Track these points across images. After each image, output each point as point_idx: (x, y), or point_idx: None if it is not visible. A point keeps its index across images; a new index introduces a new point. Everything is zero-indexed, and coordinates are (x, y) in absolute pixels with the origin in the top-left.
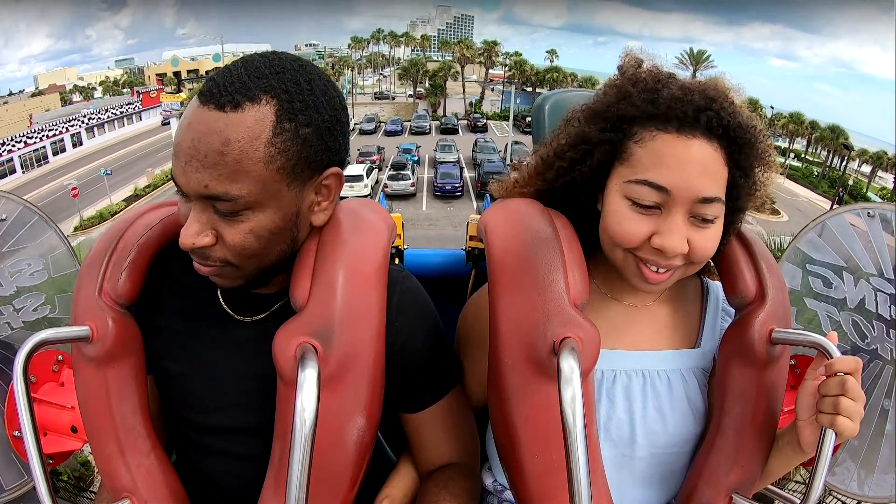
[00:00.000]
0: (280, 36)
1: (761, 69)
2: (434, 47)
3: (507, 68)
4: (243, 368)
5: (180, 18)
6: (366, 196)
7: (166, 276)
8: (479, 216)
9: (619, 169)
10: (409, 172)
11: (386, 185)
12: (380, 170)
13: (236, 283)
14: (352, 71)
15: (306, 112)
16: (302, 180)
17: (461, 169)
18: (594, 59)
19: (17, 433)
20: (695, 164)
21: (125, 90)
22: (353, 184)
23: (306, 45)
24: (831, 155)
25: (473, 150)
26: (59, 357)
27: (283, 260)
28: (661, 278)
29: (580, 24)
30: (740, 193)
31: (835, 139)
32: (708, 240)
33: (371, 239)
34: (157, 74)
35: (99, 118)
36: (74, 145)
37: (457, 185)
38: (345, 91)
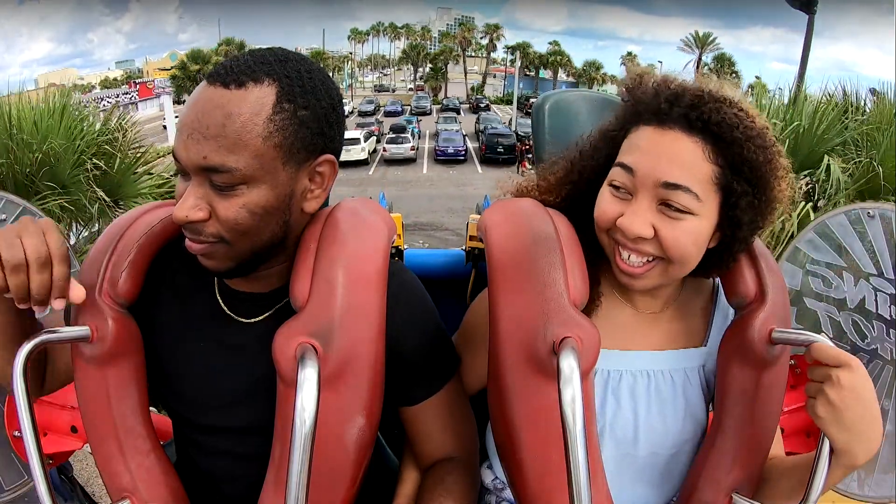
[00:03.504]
0: (281, 40)
1: (761, 72)
2: (434, 43)
3: (508, 50)
4: (241, 369)
5: (182, 24)
6: (363, 160)
7: (166, 277)
8: (478, 216)
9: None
10: (408, 136)
11: (385, 150)
12: (378, 141)
13: (226, 264)
14: (351, 62)
15: (305, 96)
16: (297, 162)
17: (464, 136)
18: None
19: (17, 433)
20: (664, 150)
21: (123, 87)
22: (350, 147)
23: (306, 50)
24: None
25: (476, 123)
26: None
27: (274, 244)
28: (635, 271)
29: (581, 29)
30: (739, 202)
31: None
32: (679, 232)
33: (371, 239)
34: (158, 69)
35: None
36: None
37: (460, 148)
38: (344, 84)
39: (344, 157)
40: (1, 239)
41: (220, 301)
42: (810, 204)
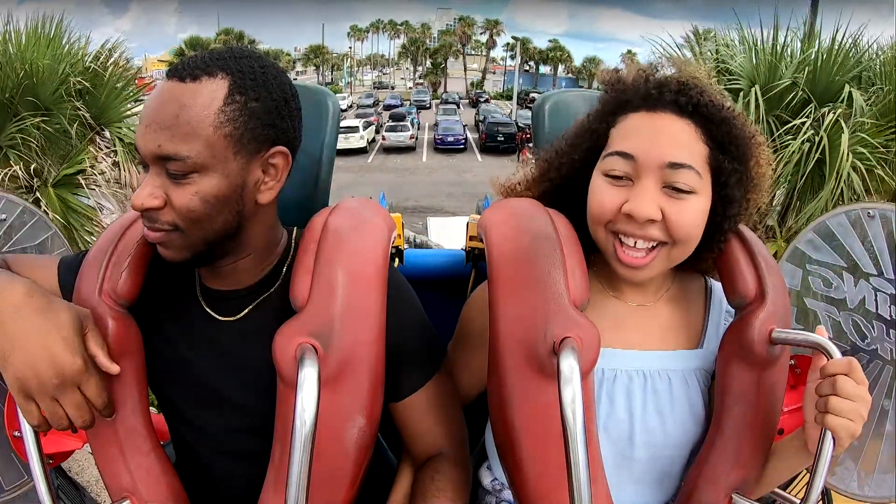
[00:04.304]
0: (282, 40)
1: None
2: (434, 41)
3: (508, 48)
4: (229, 368)
5: (182, 23)
6: (362, 148)
7: (161, 277)
8: (478, 216)
9: (601, 155)
10: (408, 124)
11: (384, 138)
12: (377, 131)
13: (182, 254)
14: (350, 59)
15: (256, 89)
16: (248, 152)
17: (464, 126)
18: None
19: (17, 433)
20: (661, 132)
21: None
22: (349, 135)
23: (303, 48)
24: None
25: (476, 115)
26: None
27: (228, 234)
28: (639, 262)
29: (581, 31)
30: (729, 180)
31: None
32: (684, 212)
33: (371, 239)
34: (158, 59)
35: None
36: None
37: (459, 137)
38: (343, 81)
39: (342, 144)
40: (41, 402)
41: (201, 300)
42: (841, 109)
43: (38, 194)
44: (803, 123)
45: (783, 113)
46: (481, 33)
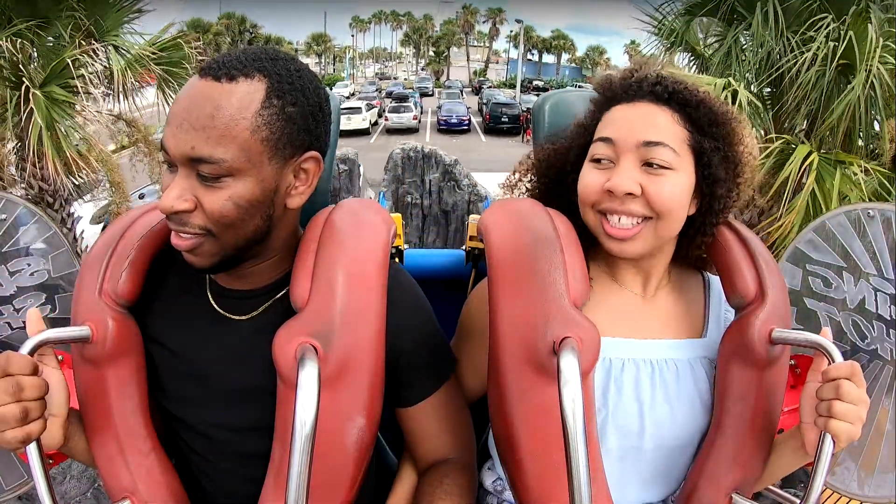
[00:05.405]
0: (282, 31)
1: None
2: (436, 30)
3: (511, 40)
4: (235, 367)
5: (184, 17)
6: (364, 129)
7: (163, 277)
8: (479, 216)
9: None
10: (411, 105)
11: (386, 118)
12: (380, 115)
13: (212, 260)
14: (352, 49)
15: (293, 93)
16: (283, 157)
17: (467, 108)
18: None
19: None
20: (637, 117)
21: None
22: (352, 116)
23: (305, 36)
24: None
25: (480, 99)
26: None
27: (258, 239)
28: (626, 234)
29: (583, 25)
30: (711, 160)
31: None
32: (663, 185)
33: (371, 239)
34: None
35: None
36: None
37: (463, 118)
38: (346, 73)
39: (345, 125)
40: None
41: (212, 300)
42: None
43: (26, 93)
44: (822, 19)
45: (801, 28)
46: (484, 22)
